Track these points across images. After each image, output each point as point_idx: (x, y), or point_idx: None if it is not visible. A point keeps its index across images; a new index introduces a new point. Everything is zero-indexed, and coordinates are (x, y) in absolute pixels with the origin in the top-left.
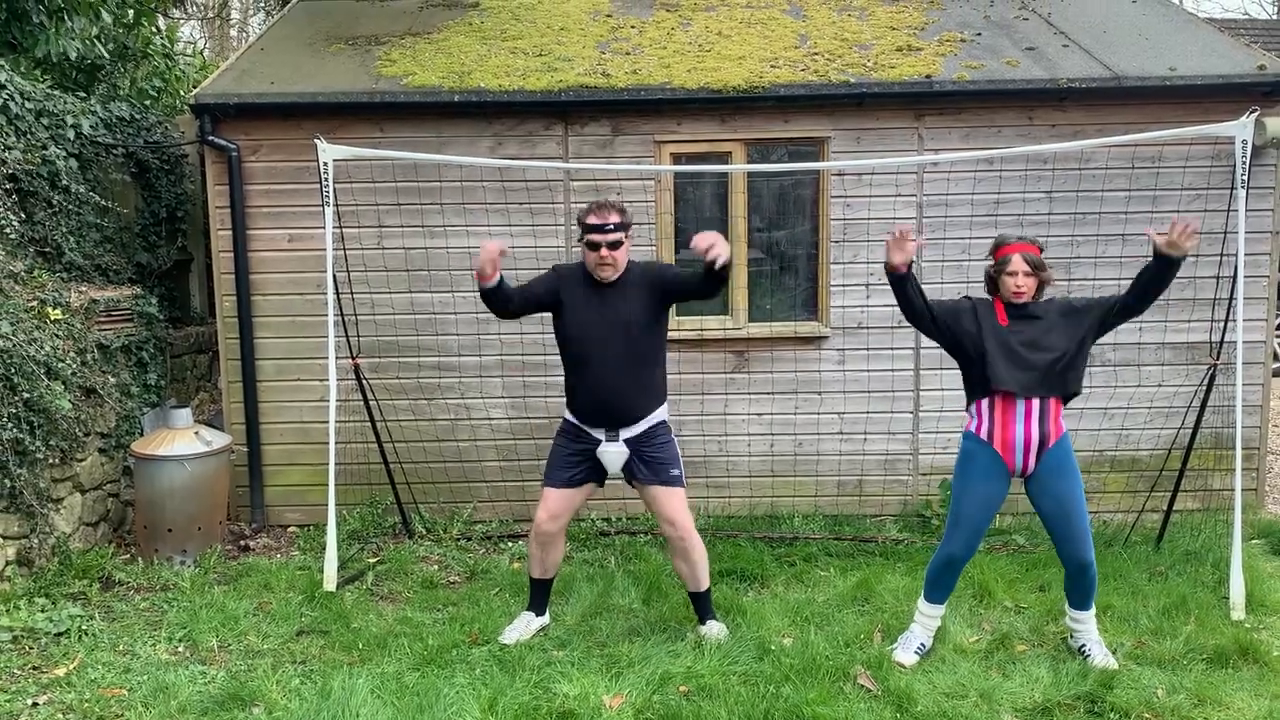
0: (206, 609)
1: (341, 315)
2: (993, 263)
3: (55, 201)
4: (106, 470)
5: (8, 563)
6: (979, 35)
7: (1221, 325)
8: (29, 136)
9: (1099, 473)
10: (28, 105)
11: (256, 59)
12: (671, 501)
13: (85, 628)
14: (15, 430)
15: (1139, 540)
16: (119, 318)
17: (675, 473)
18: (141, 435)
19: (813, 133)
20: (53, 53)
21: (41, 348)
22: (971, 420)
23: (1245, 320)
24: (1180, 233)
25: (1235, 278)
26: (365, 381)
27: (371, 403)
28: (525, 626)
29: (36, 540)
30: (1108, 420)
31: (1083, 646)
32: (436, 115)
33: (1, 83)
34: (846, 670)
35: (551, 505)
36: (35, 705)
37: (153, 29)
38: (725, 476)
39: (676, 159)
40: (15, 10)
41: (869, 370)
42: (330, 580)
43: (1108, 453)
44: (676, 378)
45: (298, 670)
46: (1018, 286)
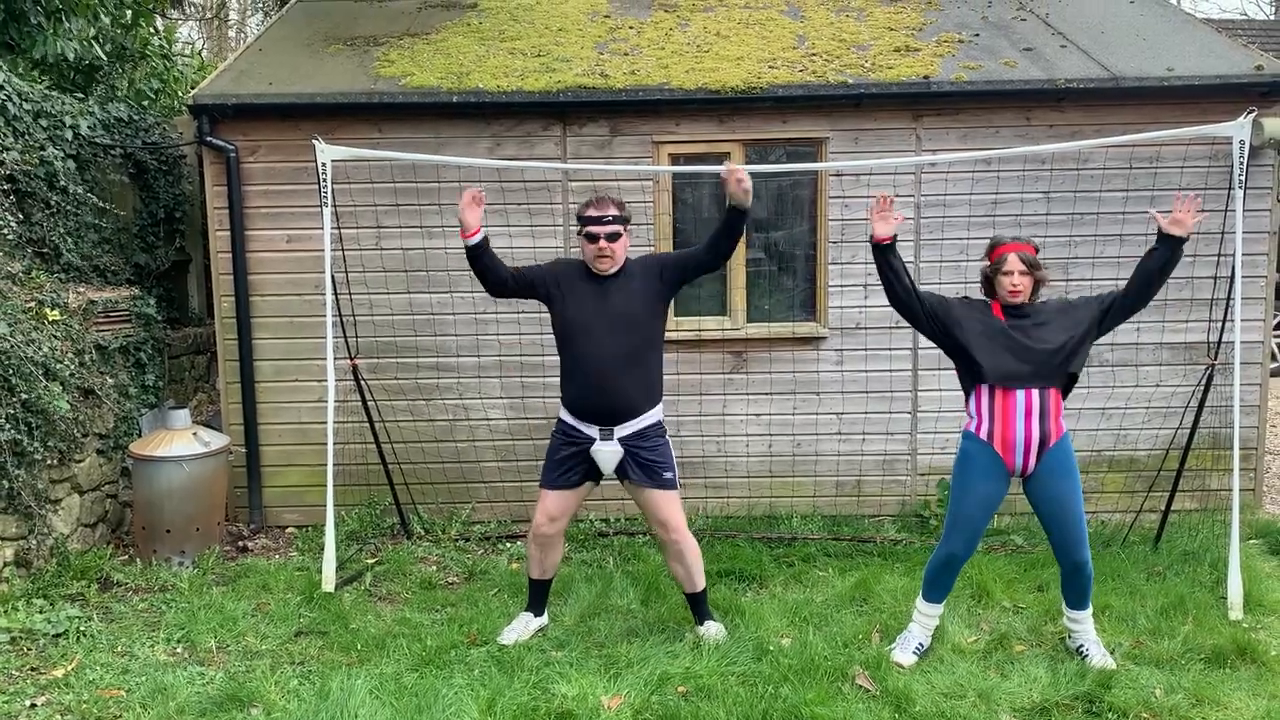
0: (205, 610)
1: (340, 316)
2: (988, 263)
3: (53, 202)
4: (105, 471)
5: (6, 564)
6: (977, 36)
7: (1219, 325)
8: (27, 137)
9: (1097, 473)
10: (26, 106)
11: (255, 59)
12: (665, 504)
13: (83, 629)
14: (13, 431)
15: (1137, 540)
16: (117, 319)
17: (669, 475)
18: (140, 436)
19: (811, 133)
20: (50, 53)
21: (39, 349)
22: (971, 420)
23: (1243, 320)
24: (1185, 208)
25: (1233, 278)
26: (363, 382)
27: (370, 403)
28: (524, 627)
29: (35, 541)
30: (1106, 420)
31: (1081, 646)
32: (435, 116)
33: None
34: (845, 670)
35: (550, 507)
36: (33, 706)
37: (151, 30)
38: (723, 477)
39: (675, 159)
40: (13, 11)
41: (867, 371)
42: (329, 581)
43: (1105, 453)
44: (674, 378)
45: (296, 671)
46: (1014, 286)
